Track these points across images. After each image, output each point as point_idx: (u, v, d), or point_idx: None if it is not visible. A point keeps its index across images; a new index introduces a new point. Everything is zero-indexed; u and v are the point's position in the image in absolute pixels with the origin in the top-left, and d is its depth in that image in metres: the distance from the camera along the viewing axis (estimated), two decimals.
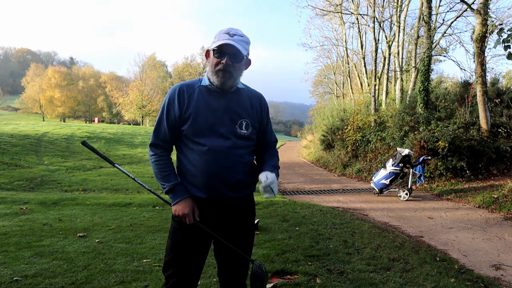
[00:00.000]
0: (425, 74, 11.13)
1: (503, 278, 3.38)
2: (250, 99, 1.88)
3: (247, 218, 1.89)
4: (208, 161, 1.73)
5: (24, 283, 2.90)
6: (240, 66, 1.78)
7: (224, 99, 1.79)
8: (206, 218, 1.80)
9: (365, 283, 3.03)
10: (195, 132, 1.74)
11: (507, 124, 9.45)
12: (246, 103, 1.85)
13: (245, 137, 1.81)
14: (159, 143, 1.82)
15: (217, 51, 1.72)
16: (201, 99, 1.77)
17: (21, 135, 16.18)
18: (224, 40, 1.69)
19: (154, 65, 58.24)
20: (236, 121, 1.79)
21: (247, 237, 1.90)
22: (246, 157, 1.83)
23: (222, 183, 1.76)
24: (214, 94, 1.79)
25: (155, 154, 1.82)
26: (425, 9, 11.37)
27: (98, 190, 8.95)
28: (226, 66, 1.71)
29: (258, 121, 1.89)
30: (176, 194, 1.76)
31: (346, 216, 5.68)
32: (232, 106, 1.80)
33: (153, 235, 4.41)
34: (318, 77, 38.87)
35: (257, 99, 1.91)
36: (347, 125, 15.39)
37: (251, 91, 1.92)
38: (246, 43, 1.76)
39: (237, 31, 1.74)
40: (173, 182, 1.78)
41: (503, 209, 6.13)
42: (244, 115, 1.81)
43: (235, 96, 1.82)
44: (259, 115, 1.89)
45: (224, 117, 1.77)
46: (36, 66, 74.16)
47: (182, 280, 1.80)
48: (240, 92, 1.85)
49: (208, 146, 1.73)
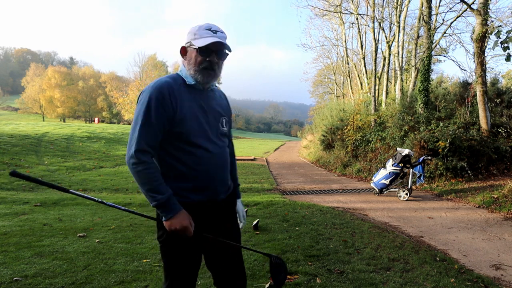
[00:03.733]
0: (425, 74, 11.13)
1: (503, 278, 3.38)
2: (221, 96, 1.89)
3: (233, 216, 1.91)
4: (209, 162, 1.70)
5: (24, 283, 2.90)
6: (222, 64, 1.75)
7: (207, 98, 1.76)
8: (198, 222, 1.69)
9: (365, 283, 3.03)
10: (190, 134, 1.64)
11: (507, 124, 9.45)
12: (220, 100, 1.85)
13: (226, 134, 1.85)
14: (146, 149, 1.57)
15: (202, 49, 1.64)
16: (190, 98, 1.69)
17: (21, 135, 16.18)
18: (211, 38, 1.63)
19: (155, 65, 58.25)
20: (218, 119, 1.79)
21: (238, 235, 1.90)
22: (227, 155, 1.86)
23: (220, 183, 1.76)
24: (196, 92, 1.72)
25: (142, 162, 1.55)
26: (425, 9, 11.37)
27: (98, 190, 8.95)
28: (213, 65, 1.67)
29: (229, 117, 1.91)
30: (173, 206, 1.58)
31: (346, 216, 5.68)
32: (214, 105, 1.78)
33: (153, 235, 4.40)
34: (318, 77, 38.88)
35: (224, 96, 1.93)
36: (347, 125, 15.40)
37: (217, 88, 1.91)
38: (226, 38, 1.71)
39: (217, 27, 1.70)
40: (168, 193, 1.57)
41: (503, 209, 6.13)
42: (222, 113, 1.82)
43: (212, 94, 1.80)
44: (229, 111, 1.91)
45: (211, 116, 1.75)
46: (36, 66, 74.14)
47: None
48: (213, 90, 1.83)
49: (205, 148, 1.69)
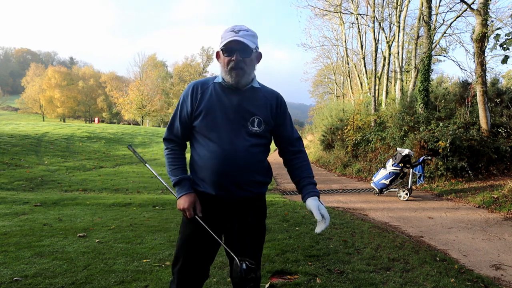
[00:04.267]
0: (425, 74, 11.13)
1: (503, 278, 3.38)
2: (265, 97, 1.85)
3: (256, 217, 1.86)
4: (218, 158, 1.72)
5: (24, 283, 2.89)
6: (251, 61, 1.76)
7: (237, 96, 1.77)
8: (213, 214, 1.80)
9: (365, 283, 3.03)
10: (205, 128, 1.75)
11: (507, 124, 9.45)
12: (260, 101, 1.82)
13: (257, 134, 1.78)
14: (172, 138, 1.88)
15: (225, 50, 1.71)
16: (214, 96, 1.77)
17: (21, 135, 16.18)
18: (230, 37, 1.69)
19: (155, 65, 58.29)
20: (248, 118, 1.77)
21: (255, 236, 1.86)
22: (258, 155, 1.80)
23: (232, 182, 1.74)
24: (227, 91, 1.78)
25: (167, 148, 1.89)
26: (425, 9, 11.37)
27: (98, 190, 8.95)
28: (238, 63, 1.70)
29: (273, 118, 1.85)
30: (181, 188, 1.80)
31: (346, 216, 5.68)
32: (245, 104, 1.77)
33: (153, 235, 4.40)
34: (318, 77, 38.93)
35: (273, 97, 1.88)
36: (347, 125, 15.40)
37: (267, 89, 1.91)
38: (253, 36, 1.74)
39: (242, 26, 1.74)
40: (180, 176, 1.82)
41: (503, 209, 6.13)
42: (256, 112, 1.78)
43: (249, 94, 1.80)
44: (274, 112, 1.85)
45: (236, 114, 1.75)
46: (36, 66, 74.20)
47: (190, 272, 1.80)
48: (255, 90, 1.83)
49: (218, 143, 1.72)
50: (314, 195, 1.80)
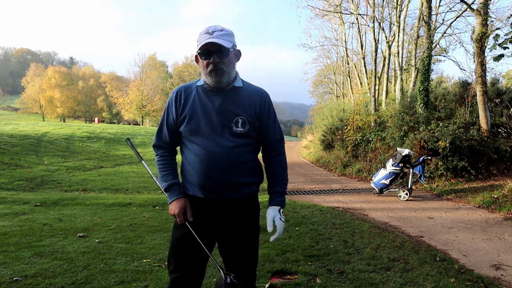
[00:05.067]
0: (425, 74, 11.13)
1: (503, 278, 3.38)
2: (249, 96, 1.82)
3: (243, 218, 1.82)
4: (203, 161, 1.72)
5: (24, 283, 2.89)
6: (230, 60, 1.73)
7: (220, 98, 1.76)
8: (203, 217, 1.79)
9: (365, 283, 3.03)
10: (190, 132, 1.76)
11: (507, 124, 9.45)
12: (243, 100, 1.79)
13: (242, 135, 1.75)
14: (161, 144, 1.89)
15: (202, 53, 1.70)
16: (197, 100, 1.78)
17: (21, 135, 16.18)
18: (205, 40, 1.66)
19: (155, 65, 58.24)
20: (231, 119, 1.75)
21: (242, 238, 1.82)
22: (245, 155, 1.77)
23: (218, 184, 1.72)
24: (210, 93, 1.77)
25: (157, 154, 1.90)
26: (425, 9, 11.37)
27: (98, 190, 8.95)
28: (216, 65, 1.69)
29: (257, 117, 1.80)
30: (172, 193, 1.82)
31: (346, 216, 5.68)
32: (228, 104, 1.76)
33: (153, 235, 4.41)
34: (318, 77, 38.89)
35: (258, 95, 1.84)
36: (347, 125, 15.40)
37: (252, 87, 1.86)
38: (228, 35, 1.71)
39: (216, 27, 1.71)
40: (170, 181, 1.84)
41: (503, 209, 6.13)
42: (240, 112, 1.75)
43: (231, 94, 1.78)
44: (257, 111, 1.81)
45: (219, 116, 1.74)
46: (36, 66, 74.19)
47: (183, 275, 1.80)
48: (239, 90, 1.80)
49: (202, 146, 1.72)
50: (276, 204, 1.83)
